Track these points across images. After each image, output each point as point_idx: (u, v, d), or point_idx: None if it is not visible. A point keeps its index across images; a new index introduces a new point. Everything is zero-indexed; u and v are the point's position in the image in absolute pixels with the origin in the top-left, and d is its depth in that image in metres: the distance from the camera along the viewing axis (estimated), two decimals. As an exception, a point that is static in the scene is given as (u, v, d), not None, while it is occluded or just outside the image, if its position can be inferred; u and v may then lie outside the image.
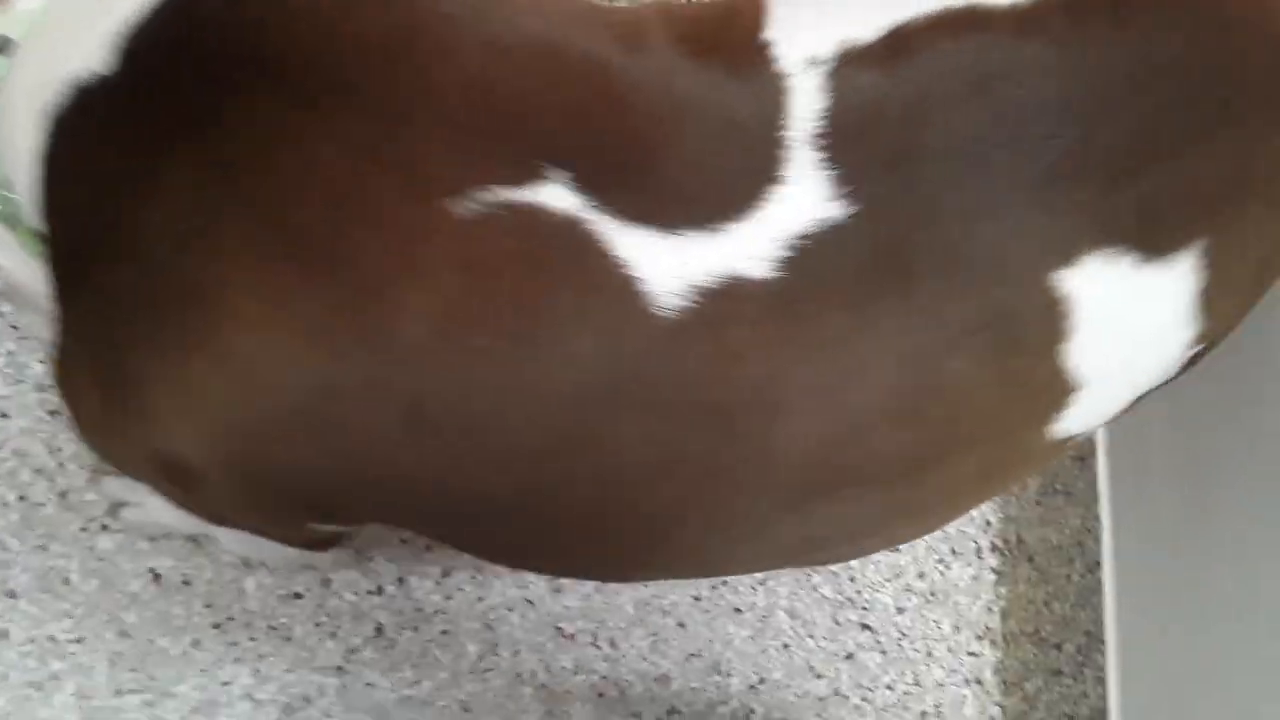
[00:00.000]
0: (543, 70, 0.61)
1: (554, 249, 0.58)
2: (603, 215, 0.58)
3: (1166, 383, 0.73)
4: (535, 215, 0.58)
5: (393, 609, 1.13)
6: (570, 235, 0.58)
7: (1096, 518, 1.18)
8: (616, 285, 0.58)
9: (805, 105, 0.60)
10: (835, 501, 0.66)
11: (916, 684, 1.26)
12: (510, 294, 0.58)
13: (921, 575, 1.27)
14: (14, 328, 1.10)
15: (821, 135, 0.60)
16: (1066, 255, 0.61)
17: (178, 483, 0.69)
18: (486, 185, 0.58)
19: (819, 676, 1.22)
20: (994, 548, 1.28)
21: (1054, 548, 1.28)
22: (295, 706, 1.10)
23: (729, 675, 1.19)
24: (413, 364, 0.59)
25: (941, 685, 1.26)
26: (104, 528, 1.09)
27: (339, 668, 1.11)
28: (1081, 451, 1.26)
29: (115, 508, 1.07)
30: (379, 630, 1.13)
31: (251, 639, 1.10)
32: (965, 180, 0.60)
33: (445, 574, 1.15)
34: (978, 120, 0.60)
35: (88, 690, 1.06)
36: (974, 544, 1.29)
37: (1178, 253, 0.63)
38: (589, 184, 0.58)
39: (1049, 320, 0.62)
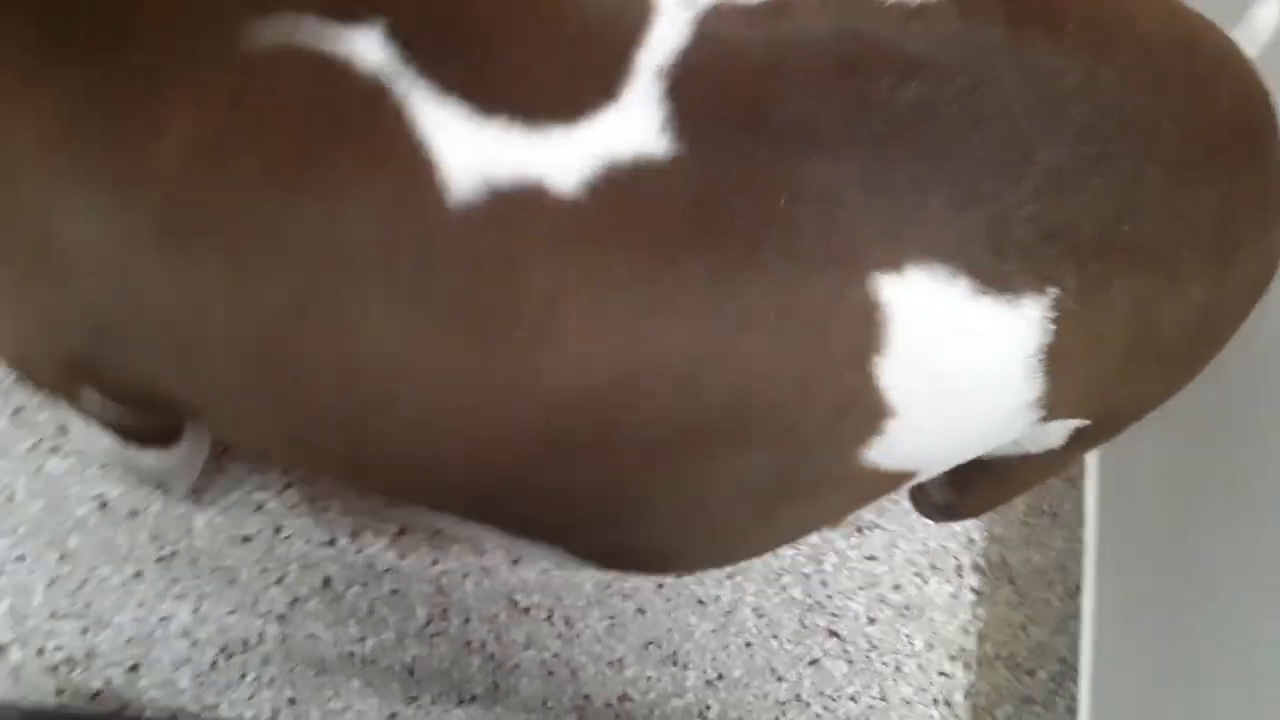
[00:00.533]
0: None
1: (349, 96, 0.55)
2: (415, 78, 0.55)
3: (1046, 464, 0.71)
4: (338, 65, 0.55)
5: (344, 562, 1.10)
6: (370, 89, 0.55)
7: (1081, 541, 1.13)
8: (409, 153, 0.55)
9: (664, 37, 0.57)
10: (595, 456, 0.60)
11: (882, 699, 1.21)
12: (286, 128, 0.55)
13: (897, 587, 1.22)
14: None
15: (671, 71, 0.56)
16: (894, 260, 0.56)
17: None
18: (300, 10, 0.55)
19: (780, 679, 1.18)
20: (975, 566, 1.24)
21: (1036, 570, 1.23)
22: (233, 649, 1.06)
23: (686, 668, 1.15)
24: (165, 176, 0.55)
25: (908, 703, 1.21)
26: (55, 450, 1.06)
27: (282, 616, 1.08)
28: (1071, 473, 1.21)
29: (63, 429, 1.05)
30: (327, 583, 1.10)
31: (195, 577, 1.07)
32: (807, 158, 0.55)
33: (401, 532, 1.12)
34: (839, 103, 0.56)
35: (22, 609, 1.03)
36: (955, 560, 1.24)
37: (1023, 294, 0.58)
38: (410, 43, 0.55)
39: (860, 325, 0.57)
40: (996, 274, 0.57)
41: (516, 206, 0.55)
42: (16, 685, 1.00)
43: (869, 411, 0.59)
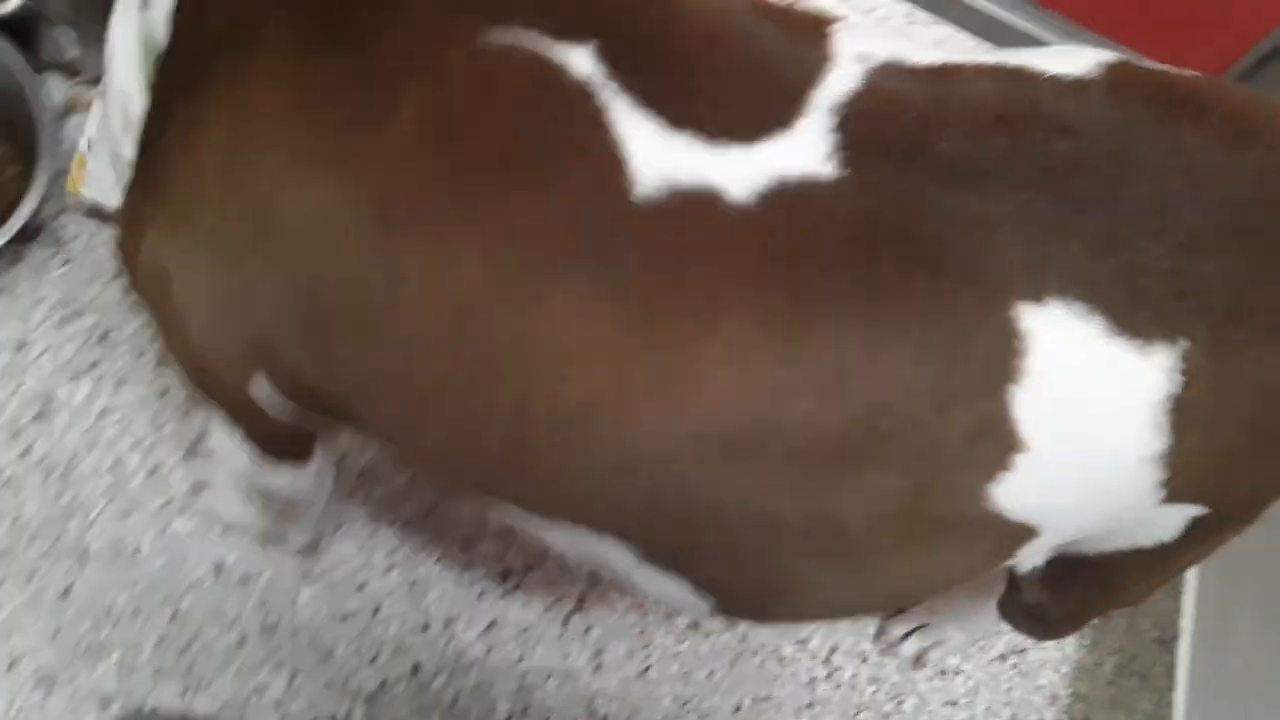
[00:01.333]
0: None
1: (559, 101, 0.61)
2: (618, 91, 0.62)
3: (1152, 566, 0.69)
4: (554, 67, 0.61)
5: (433, 649, 1.13)
6: (580, 99, 0.61)
7: (1170, 706, 1.12)
8: (604, 152, 0.61)
9: (838, 81, 0.63)
10: (742, 460, 0.63)
11: None
12: (502, 121, 0.61)
13: (977, 736, 1.21)
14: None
15: (841, 109, 0.62)
16: (1036, 291, 0.60)
17: (161, 303, 0.72)
18: (524, 26, 0.62)
19: None
20: (1058, 723, 1.22)
21: (1121, 733, 1.21)
22: (321, 726, 1.10)
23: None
24: (390, 157, 0.62)
25: None
26: (183, 510, 1.12)
27: (370, 696, 1.11)
28: (1164, 634, 1.20)
29: (197, 488, 1.11)
30: (416, 669, 1.13)
31: (294, 649, 1.11)
32: (960, 190, 0.60)
33: (492, 625, 1.15)
34: (994, 146, 0.61)
35: (130, 664, 1.08)
36: (1038, 715, 1.22)
37: (1154, 341, 0.60)
38: (617, 63, 0.62)
39: (1001, 352, 0.60)
40: (1130, 318, 0.60)
41: (693, 207, 0.61)
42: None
43: (1002, 441, 0.61)
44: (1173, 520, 0.70)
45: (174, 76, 0.70)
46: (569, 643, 1.16)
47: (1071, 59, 0.65)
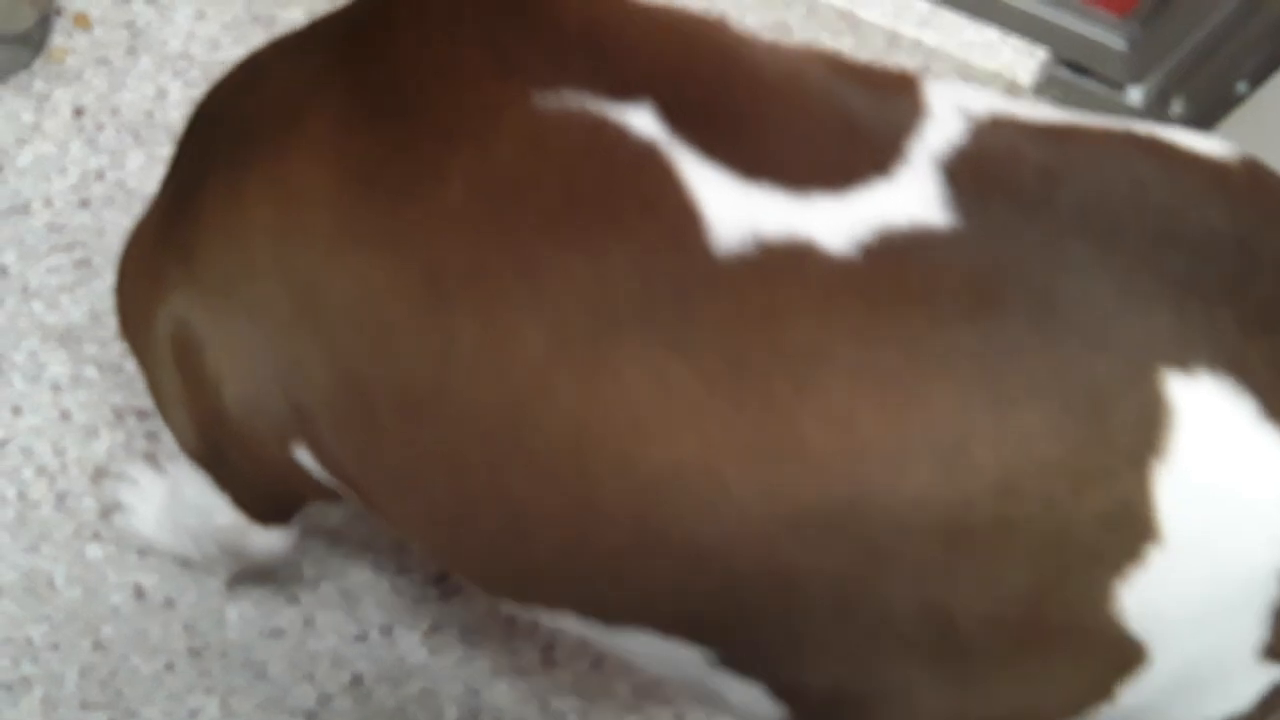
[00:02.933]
0: (676, 33, 0.61)
1: (620, 159, 0.56)
2: (683, 146, 0.57)
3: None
4: (613, 127, 0.57)
5: (374, 658, 1.08)
6: (642, 155, 0.56)
7: None
8: (675, 210, 0.55)
9: (938, 130, 0.57)
10: (846, 535, 0.54)
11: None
12: (560, 182, 0.56)
13: None
14: (40, 327, 1.11)
15: (948, 156, 0.56)
16: (1183, 360, 0.52)
17: (183, 367, 0.69)
18: (577, 89, 0.58)
19: None
20: None
21: None
22: (260, 747, 1.05)
23: (724, 781, 1.10)
24: (440, 227, 0.58)
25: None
26: (96, 535, 1.07)
27: (310, 712, 1.06)
28: None
29: (110, 511, 1.05)
30: (357, 680, 1.08)
31: (226, 670, 1.06)
32: (1092, 242, 0.54)
33: (434, 629, 1.10)
34: (1123, 208, 0.55)
35: (54, 699, 1.03)
36: None
37: None
38: (678, 119, 0.57)
39: (1145, 419, 0.52)
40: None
41: (784, 260, 0.54)
42: (40, 777, 1.00)
43: (1137, 528, 0.53)
44: (1255, 684, 0.59)
45: (214, 136, 0.67)
46: (517, 640, 1.11)
47: (1206, 143, 0.59)
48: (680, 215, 0.55)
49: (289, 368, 0.64)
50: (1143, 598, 0.54)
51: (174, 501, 0.91)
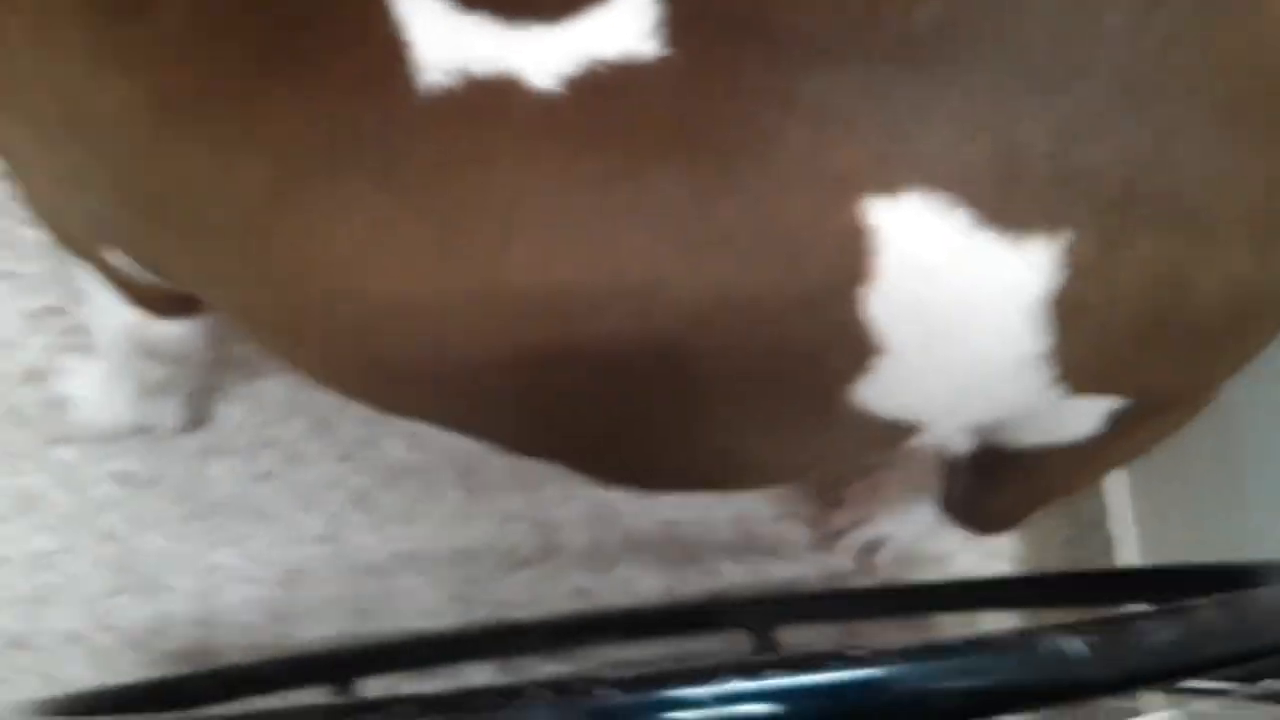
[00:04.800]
0: None
1: None
2: None
3: (1083, 458, 0.66)
4: None
5: (366, 471, 1.12)
6: None
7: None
8: (384, 36, 0.54)
9: None
10: (560, 367, 0.59)
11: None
12: (276, 10, 0.55)
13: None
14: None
15: None
16: (886, 183, 0.52)
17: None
18: None
19: (819, 466, 1.18)
20: None
21: None
22: (292, 579, 1.11)
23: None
24: (165, 52, 0.57)
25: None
26: (61, 438, 1.08)
27: (323, 536, 1.12)
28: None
29: (59, 406, 1.06)
30: (356, 495, 1.12)
31: (229, 523, 1.10)
32: (804, 70, 0.51)
33: (414, 431, 1.12)
34: (848, 15, 0.51)
35: (83, 595, 1.08)
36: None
37: (1029, 234, 0.53)
38: None
39: (845, 251, 0.53)
40: (1001, 209, 0.52)
41: (489, 97, 0.53)
42: (102, 670, 1.06)
43: (855, 346, 0.56)
44: (1087, 413, 0.65)
45: None
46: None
47: None
48: (386, 47, 0.53)
49: (71, 177, 0.65)
50: (886, 394, 0.59)
51: (101, 338, 0.93)
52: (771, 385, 0.59)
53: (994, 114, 0.51)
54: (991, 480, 0.82)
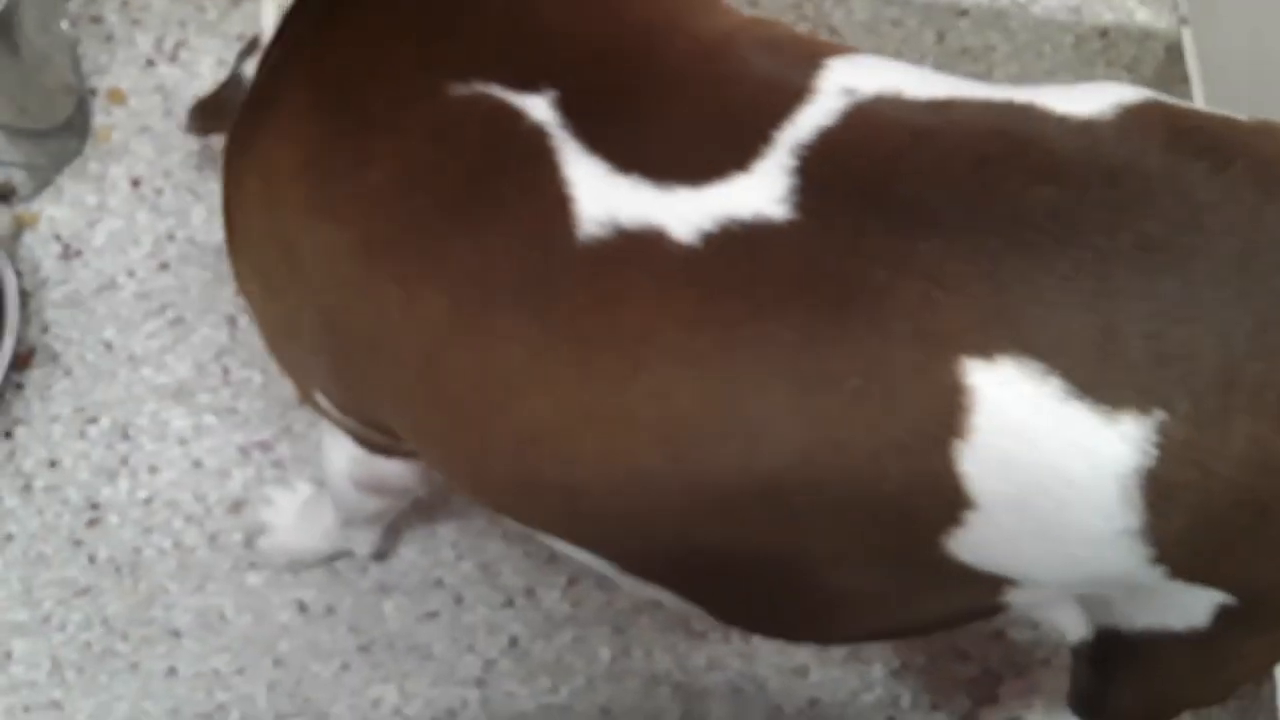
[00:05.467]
0: (603, 7, 0.69)
1: (511, 148, 0.64)
2: (569, 136, 0.64)
3: (1198, 655, 0.66)
4: (510, 117, 0.65)
5: (523, 620, 1.17)
6: (531, 144, 0.64)
7: None
8: (552, 194, 0.63)
9: (810, 116, 0.62)
10: (675, 495, 0.64)
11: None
12: (459, 169, 0.65)
13: None
14: (155, 390, 1.20)
15: (806, 147, 0.61)
16: (984, 347, 0.56)
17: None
18: (488, 80, 0.66)
19: (967, 658, 1.18)
20: None
21: None
22: (441, 719, 1.15)
23: (869, 663, 1.17)
24: (367, 205, 0.67)
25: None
26: (252, 565, 1.17)
27: (479, 680, 1.16)
28: None
29: (253, 539, 1.15)
30: (513, 642, 1.17)
31: (394, 659, 1.15)
32: (919, 237, 0.57)
33: (571, 582, 1.17)
34: (965, 191, 0.58)
35: (252, 716, 1.14)
36: None
37: (1123, 409, 0.55)
38: (572, 111, 0.64)
39: (942, 405, 0.57)
40: (1095, 383, 0.55)
41: (635, 245, 0.61)
42: (260, 787, 1.11)
43: (947, 497, 0.59)
44: (1194, 603, 0.64)
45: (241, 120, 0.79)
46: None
47: (1090, 97, 0.60)
48: (554, 202, 0.62)
49: (289, 321, 0.76)
50: (976, 547, 0.61)
51: (327, 470, 0.99)
52: (869, 529, 0.62)
53: (1096, 291, 0.55)
54: (1111, 671, 0.78)
